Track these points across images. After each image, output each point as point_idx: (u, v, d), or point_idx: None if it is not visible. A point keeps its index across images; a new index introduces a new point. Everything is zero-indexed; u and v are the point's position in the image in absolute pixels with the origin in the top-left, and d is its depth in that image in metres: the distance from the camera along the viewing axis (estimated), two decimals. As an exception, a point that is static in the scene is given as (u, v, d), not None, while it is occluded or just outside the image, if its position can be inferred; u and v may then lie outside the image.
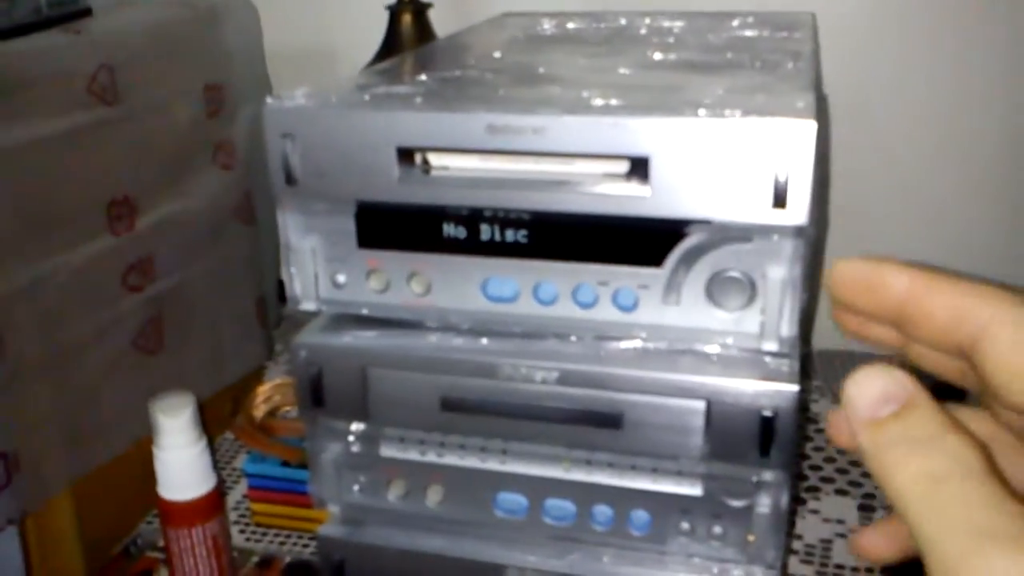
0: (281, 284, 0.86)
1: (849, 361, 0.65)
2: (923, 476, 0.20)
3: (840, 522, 0.62)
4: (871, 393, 0.22)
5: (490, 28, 0.68)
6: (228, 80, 0.72)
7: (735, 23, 0.64)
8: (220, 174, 0.71)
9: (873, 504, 0.63)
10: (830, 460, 0.68)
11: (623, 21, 0.67)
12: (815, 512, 0.63)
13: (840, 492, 0.65)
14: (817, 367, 0.79)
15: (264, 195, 0.80)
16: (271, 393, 0.67)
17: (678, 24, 0.65)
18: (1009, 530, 0.19)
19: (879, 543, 0.28)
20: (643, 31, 0.63)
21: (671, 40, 0.59)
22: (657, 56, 0.53)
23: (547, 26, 0.66)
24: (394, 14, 0.78)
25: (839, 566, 0.58)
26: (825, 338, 0.73)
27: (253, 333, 0.76)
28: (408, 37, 0.78)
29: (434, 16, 0.80)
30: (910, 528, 0.20)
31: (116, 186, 0.61)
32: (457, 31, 0.68)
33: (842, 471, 0.67)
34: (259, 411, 0.66)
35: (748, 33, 0.60)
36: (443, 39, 0.67)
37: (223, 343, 0.72)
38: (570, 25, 0.66)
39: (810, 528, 0.61)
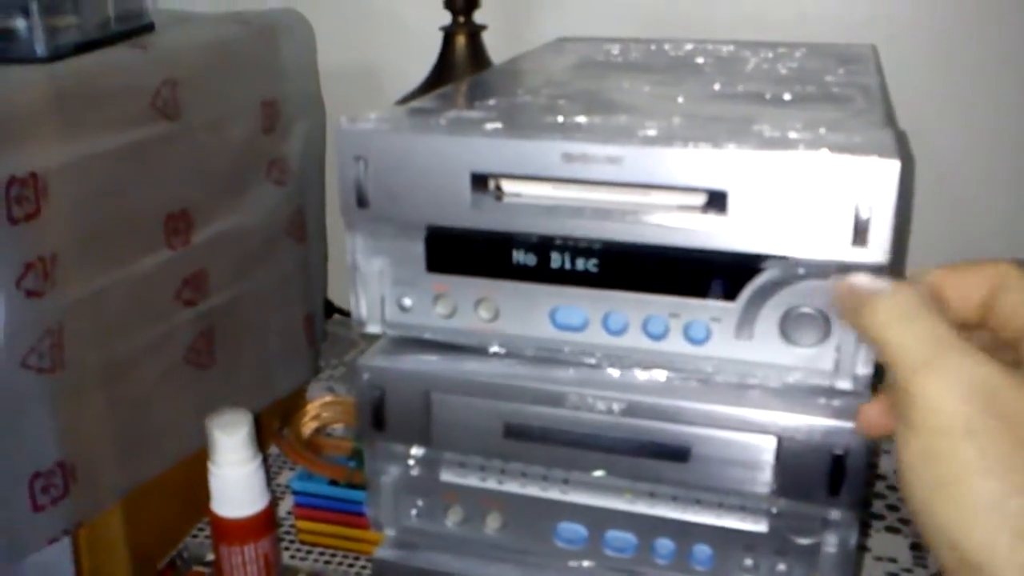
0: (327, 301, 0.87)
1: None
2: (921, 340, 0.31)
3: (892, 560, 0.61)
4: (868, 282, 0.34)
5: (550, 53, 0.68)
6: (283, 96, 0.73)
7: (797, 54, 0.63)
8: (273, 190, 0.72)
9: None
10: (879, 496, 0.67)
11: (682, 50, 0.67)
12: (866, 549, 0.62)
13: (891, 530, 0.64)
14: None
15: (312, 213, 0.80)
16: (319, 411, 0.67)
17: (738, 53, 0.64)
18: (961, 343, 0.30)
19: (877, 419, 0.36)
20: (700, 59, 0.63)
21: (734, 70, 0.58)
22: (721, 87, 0.53)
23: (606, 52, 0.66)
24: (448, 36, 0.79)
25: (892, 606, 0.57)
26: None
27: (301, 350, 0.76)
28: (462, 59, 0.78)
29: (487, 38, 0.80)
30: (889, 358, 0.31)
31: (174, 200, 0.61)
32: (515, 55, 0.68)
33: (892, 508, 0.66)
34: (307, 428, 0.66)
35: (811, 65, 0.60)
36: (504, 63, 0.67)
37: (272, 359, 0.72)
38: (630, 52, 0.66)
39: (862, 566, 0.60)
